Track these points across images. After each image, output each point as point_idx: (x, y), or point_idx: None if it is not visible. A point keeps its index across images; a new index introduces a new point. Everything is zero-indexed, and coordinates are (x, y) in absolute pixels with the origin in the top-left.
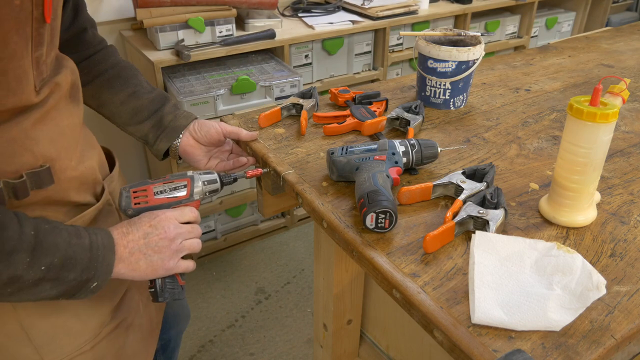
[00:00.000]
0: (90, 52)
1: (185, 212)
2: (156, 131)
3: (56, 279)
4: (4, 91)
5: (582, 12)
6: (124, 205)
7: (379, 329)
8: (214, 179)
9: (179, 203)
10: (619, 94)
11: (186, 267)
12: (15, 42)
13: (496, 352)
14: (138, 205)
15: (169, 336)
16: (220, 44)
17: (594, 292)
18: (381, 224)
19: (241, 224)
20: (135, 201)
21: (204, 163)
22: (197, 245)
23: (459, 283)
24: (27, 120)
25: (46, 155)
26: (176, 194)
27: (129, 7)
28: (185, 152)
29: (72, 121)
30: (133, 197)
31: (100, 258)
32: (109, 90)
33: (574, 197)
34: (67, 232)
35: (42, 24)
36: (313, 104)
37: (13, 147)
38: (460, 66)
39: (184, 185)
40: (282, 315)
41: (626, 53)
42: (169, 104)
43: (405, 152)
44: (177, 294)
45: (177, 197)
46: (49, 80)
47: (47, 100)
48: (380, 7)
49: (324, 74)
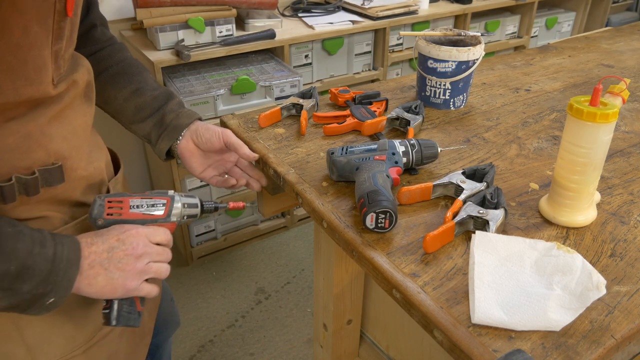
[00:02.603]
0: (97, 48)
1: (159, 232)
2: (158, 130)
3: (9, 289)
4: (22, 80)
5: (582, 12)
6: (95, 213)
7: (379, 329)
8: (195, 204)
9: (154, 222)
10: (619, 94)
11: (148, 291)
12: (36, 32)
13: (496, 352)
14: (110, 217)
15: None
16: (220, 44)
17: (594, 292)
18: (381, 224)
19: (241, 224)
20: (109, 212)
21: (199, 172)
22: (164, 270)
23: (459, 283)
24: (42, 117)
25: (59, 153)
26: (153, 211)
27: (129, 7)
28: (182, 155)
29: (85, 121)
30: (107, 207)
31: (61, 272)
32: (112, 87)
33: (574, 197)
34: (31, 238)
35: (63, 17)
36: (313, 104)
37: (28, 143)
38: (460, 66)
39: (163, 204)
40: (282, 315)
41: (626, 53)
42: (172, 102)
43: (405, 152)
44: (133, 320)
45: (153, 215)
46: (67, 77)
47: (63, 97)
48: (380, 7)
49: (324, 74)
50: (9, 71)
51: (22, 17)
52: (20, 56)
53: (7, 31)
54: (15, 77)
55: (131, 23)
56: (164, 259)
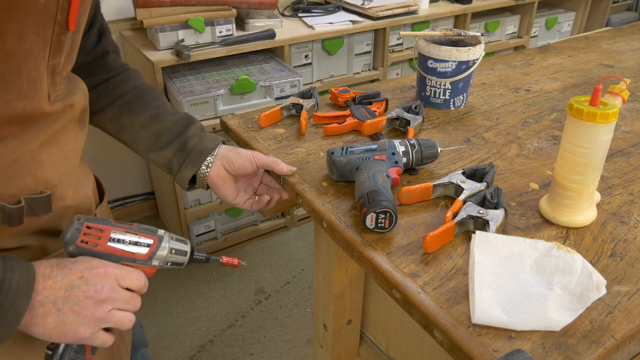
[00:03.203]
0: (110, 75)
1: (132, 276)
2: (180, 156)
3: None
4: (15, 93)
5: (582, 12)
6: (68, 237)
7: (379, 329)
8: (184, 251)
9: (131, 261)
10: (619, 94)
11: (103, 341)
12: (32, 41)
13: (496, 352)
14: (84, 245)
15: None
16: (220, 44)
17: (594, 292)
18: (381, 224)
19: (241, 224)
20: (83, 238)
21: (233, 198)
22: (127, 321)
23: (459, 283)
24: (34, 141)
25: (48, 180)
26: (134, 249)
27: (129, 7)
28: (214, 183)
29: (76, 147)
30: (83, 233)
31: (7, 304)
32: (129, 113)
33: (574, 197)
34: None
35: (64, 30)
36: (313, 104)
37: (16, 169)
38: (460, 66)
39: (147, 245)
40: (282, 315)
41: (626, 53)
42: (194, 126)
43: (405, 152)
44: None
45: (133, 254)
46: (63, 98)
47: (58, 119)
48: (380, 7)
49: (324, 74)
50: (1, 81)
51: (18, 23)
52: (13, 65)
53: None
54: (7, 88)
55: (131, 23)
56: (130, 307)
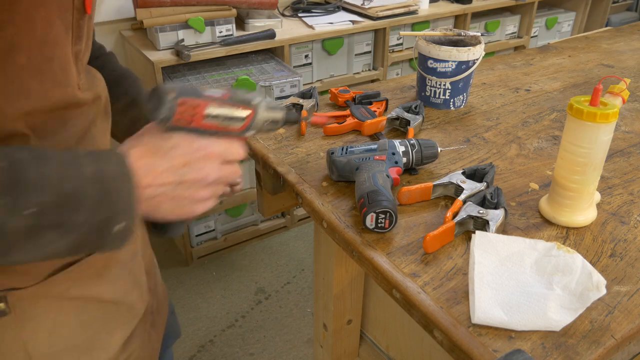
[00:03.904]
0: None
1: (232, 150)
2: None
3: (59, 225)
4: (50, 82)
5: (582, 12)
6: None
7: (379, 329)
8: (277, 120)
9: (226, 135)
10: (619, 94)
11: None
12: (58, 26)
13: (496, 352)
14: (178, 123)
15: None
16: (220, 44)
17: (594, 292)
18: (381, 224)
19: (241, 224)
20: (178, 117)
21: None
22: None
23: (459, 283)
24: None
25: None
26: (230, 124)
27: (129, 7)
28: None
29: (106, 140)
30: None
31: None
32: None
33: (574, 197)
34: (58, 160)
35: (82, 14)
36: (313, 104)
37: None
38: (460, 66)
39: (242, 119)
40: (282, 315)
41: (626, 53)
42: None
43: (405, 152)
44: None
45: (229, 128)
46: (89, 88)
47: (89, 111)
48: (380, 7)
49: (324, 74)
50: (36, 70)
51: (44, 9)
52: (45, 53)
53: (29, 24)
54: (43, 77)
55: (131, 23)
56: (233, 178)
